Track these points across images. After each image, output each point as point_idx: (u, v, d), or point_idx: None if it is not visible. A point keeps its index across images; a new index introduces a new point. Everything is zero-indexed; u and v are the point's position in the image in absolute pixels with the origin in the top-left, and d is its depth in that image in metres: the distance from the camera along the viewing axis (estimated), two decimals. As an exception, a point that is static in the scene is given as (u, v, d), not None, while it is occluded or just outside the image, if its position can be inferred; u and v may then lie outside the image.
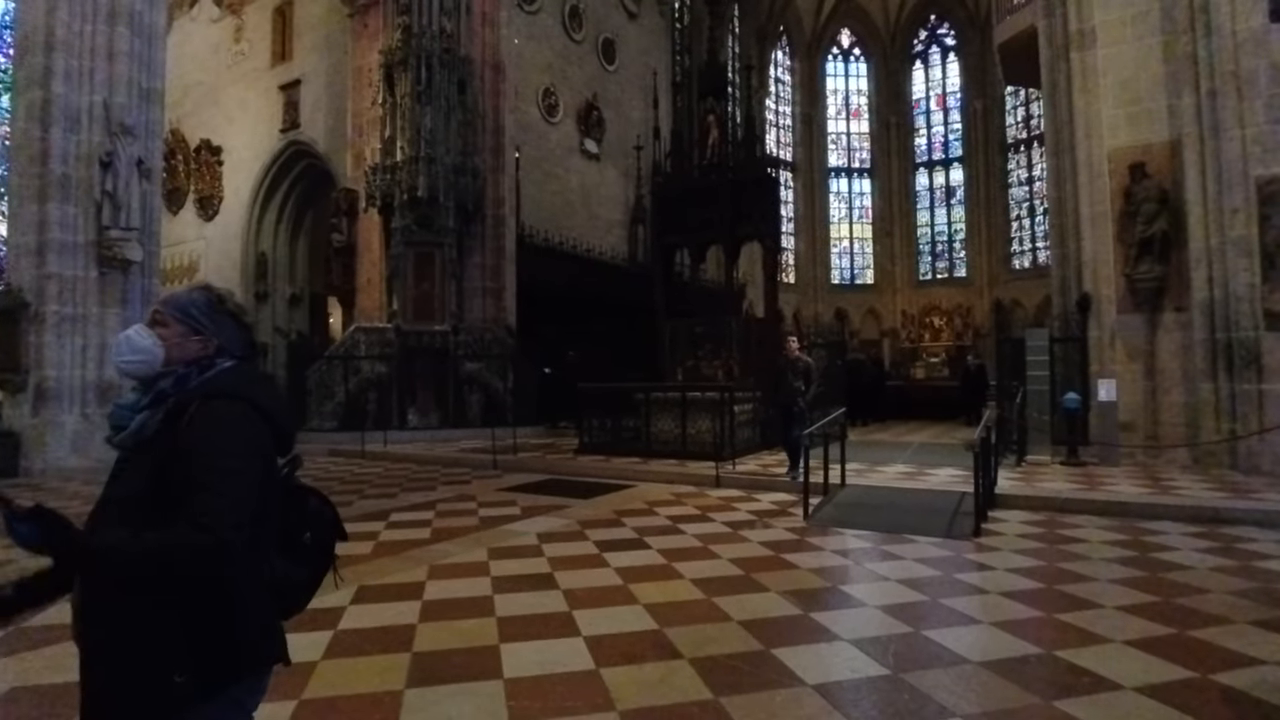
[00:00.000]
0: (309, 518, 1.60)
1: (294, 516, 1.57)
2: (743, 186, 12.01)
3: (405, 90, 14.46)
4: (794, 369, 8.45)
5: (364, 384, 13.97)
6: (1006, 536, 5.79)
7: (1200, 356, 8.77)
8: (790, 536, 5.86)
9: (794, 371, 8.42)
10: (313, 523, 1.60)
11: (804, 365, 8.56)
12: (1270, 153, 8.03)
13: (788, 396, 8.32)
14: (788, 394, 8.32)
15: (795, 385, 8.30)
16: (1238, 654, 3.36)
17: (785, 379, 8.45)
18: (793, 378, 8.38)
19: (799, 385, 8.30)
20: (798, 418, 8.07)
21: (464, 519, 6.73)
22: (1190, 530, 5.94)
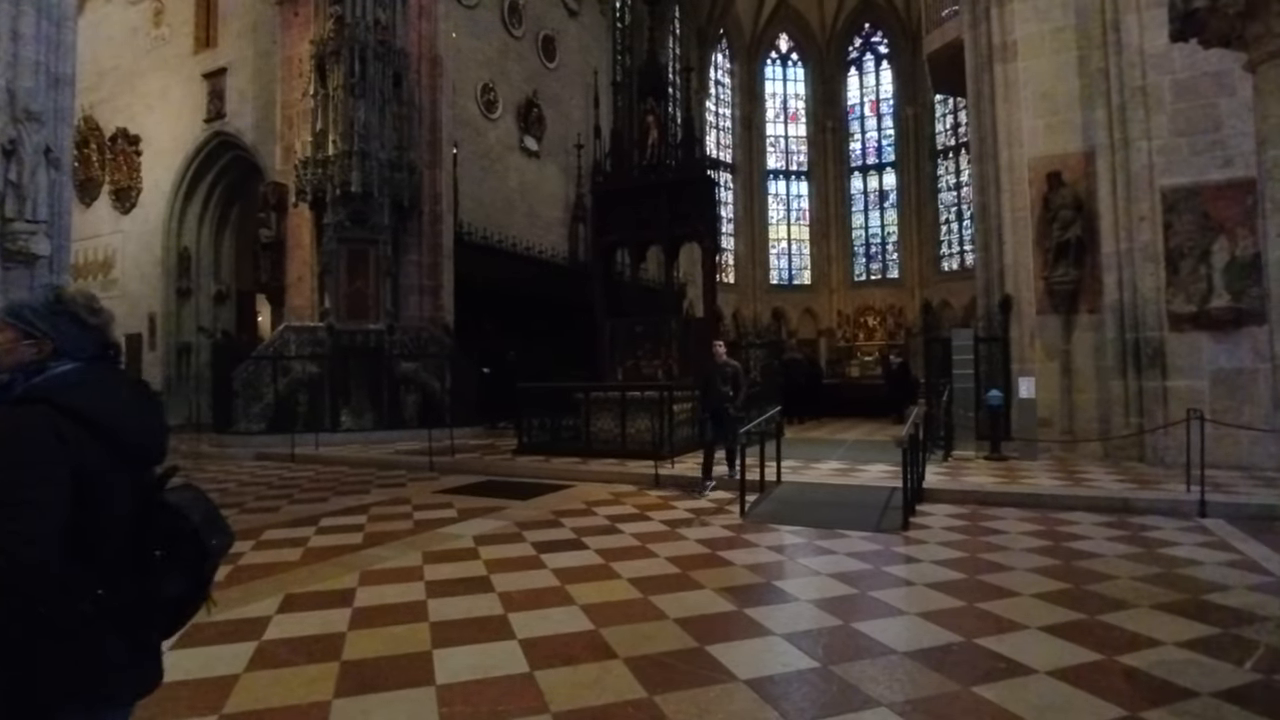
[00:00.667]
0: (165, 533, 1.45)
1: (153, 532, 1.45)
2: (682, 187, 12.08)
3: (338, 82, 14.03)
4: (722, 374, 8.23)
5: (294, 385, 13.51)
6: (933, 529, 6.01)
7: (1111, 355, 9.27)
8: (727, 534, 5.94)
9: (722, 376, 8.19)
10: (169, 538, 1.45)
11: (732, 370, 8.31)
12: (1174, 164, 8.55)
13: (716, 401, 8.09)
14: (716, 399, 8.10)
15: (723, 390, 8.08)
16: (1140, 636, 3.56)
17: (713, 384, 8.22)
18: (720, 383, 8.15)
19: (727, 390, 8.09)
20: (727, 423, 7.93)
21: (398, 523, 6.59)
22: (1101, 520, 6.27)
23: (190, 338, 19.22)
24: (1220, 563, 4.91)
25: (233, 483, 9.31)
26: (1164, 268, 8.55)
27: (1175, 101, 8.57)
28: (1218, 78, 8.36)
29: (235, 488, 8.88)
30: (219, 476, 9.90)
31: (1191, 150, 8.46)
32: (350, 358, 13.80)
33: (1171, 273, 8.50)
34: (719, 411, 8.03)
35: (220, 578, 4.75)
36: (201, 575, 1.51)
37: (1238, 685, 3.01)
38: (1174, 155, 8.56)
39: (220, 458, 12.10)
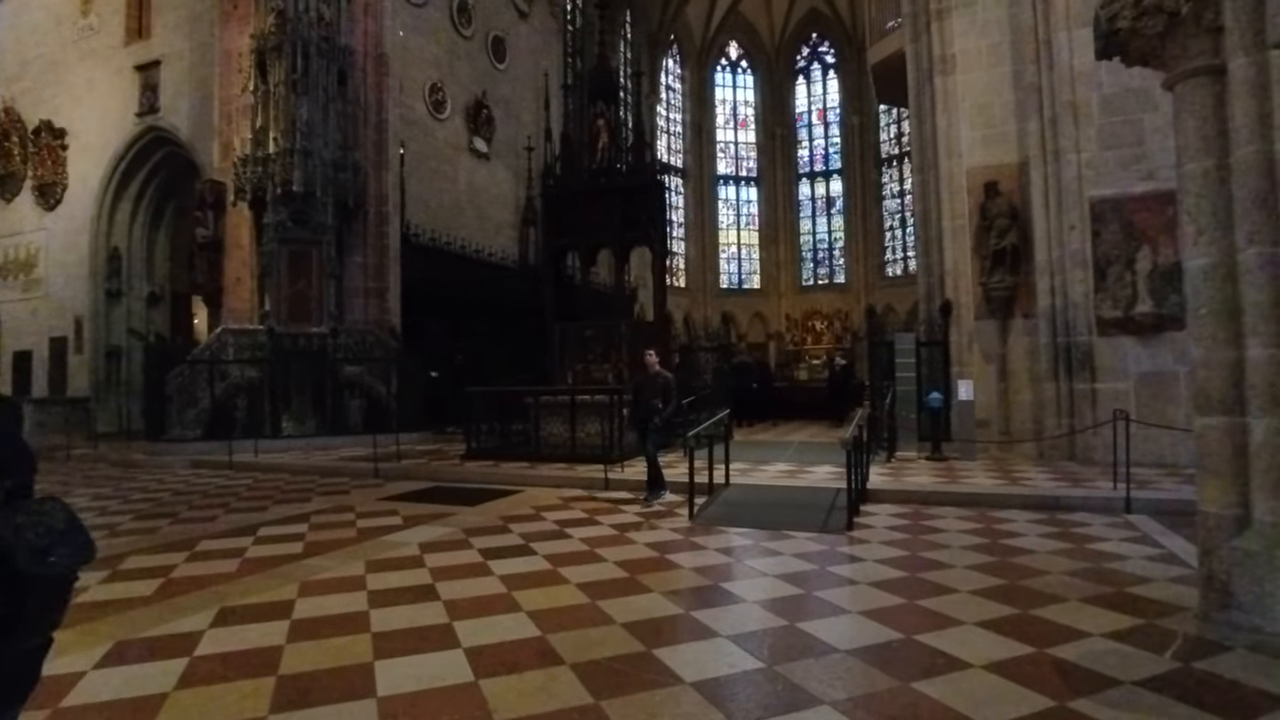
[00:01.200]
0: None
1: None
2: (632, 191, 12.13)
3: (279, 78, 13.65)
4: (652, 385, 7.86)
5: (232, 389, 13.06)
6: (876, 529, 6.14)
7: (1044, 359, 9.63)
8: (675, 537, 5.97)
9: (652, 388, 7.85)
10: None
11: (663, 381, 7.87)
12: (1101, 176, 8.94)
13: (645, 413, 7.79)
14: (645, 411, 7.78)
15: (653, 403, 7.71)
16: (1070, 629, 3.70)
17: (643, 396, 7.92)
18: (650, 394, 7.81)
19: (656, 403, 7.69)
20: (653, 435, 7.68)
21: (341, 531, 6.42)
22: (1035, 517, 6.50)
23: (120, 341, 18.41)
24: (1144, 557, 5.14)
25: (166, 492, 8.95)
26: (1092, 275, 8.93)
27: (1102, 116, 8.98)
28: (1141, 94, 8.78)
29: (169, 497, 8.54)
30: (150, 486, 9.51)
31: (1117, 163, 8.88)
32: (292, 361, 13.42)
33: (1099, 280, 8.89)
34: (644, 423, 7.78)
35: (150, 592, 4.58)
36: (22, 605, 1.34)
37: (1159, 674, 3.15)
38: (1101, 168, 8.96)
39: (152, 466, 11.61)
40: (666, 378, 7.95)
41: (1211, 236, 3.82)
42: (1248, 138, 3.62)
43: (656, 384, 7.86)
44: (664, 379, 7.92)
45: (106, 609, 4.27)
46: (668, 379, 7.95)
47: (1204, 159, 3.85)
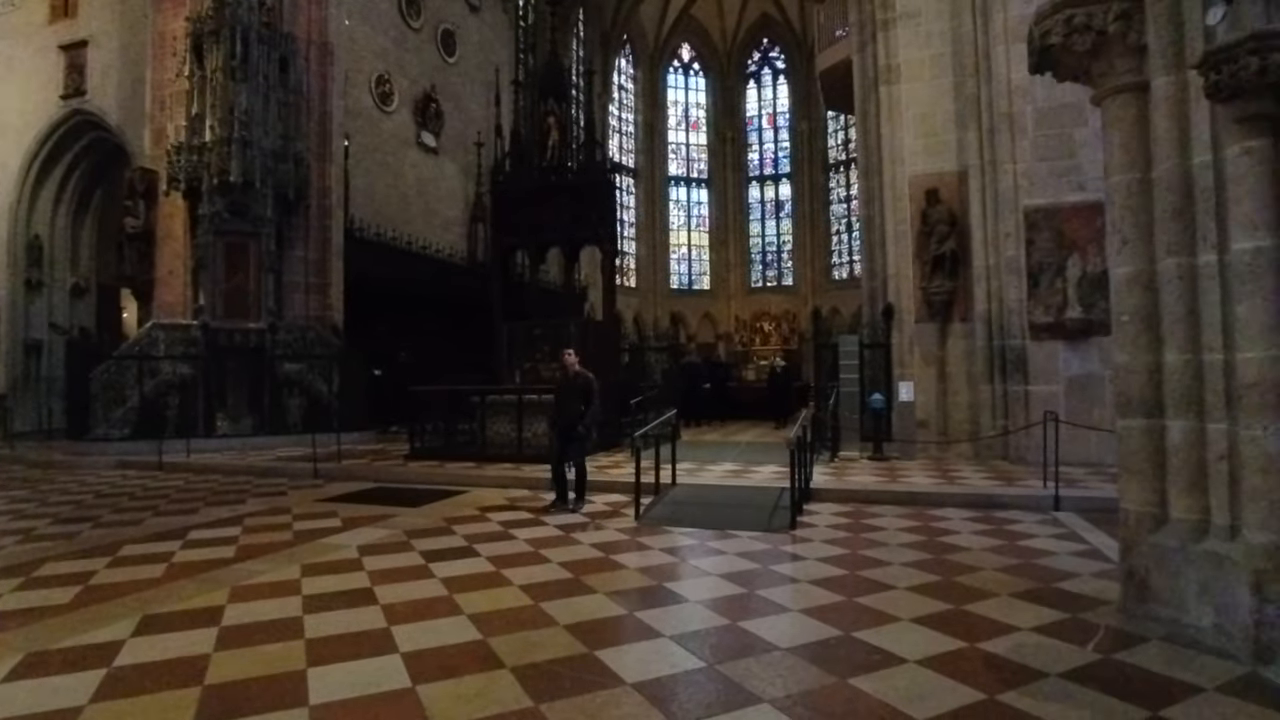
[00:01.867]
0: None
1: None
2: (581, 190, 12.09)
3: (217, 64, 13.15)
4: (572, 388, 7.35)
5: (163, 387, 12.53)
6: (818, 528, 6.24)
7: (981, 361, 9.95)
8: (621, 537, 5.96)
9: (572, 391, 7.33)
10: None
11: (583, 382, 7.31)
12: (1035, 186, 9.28)
13: (568, 419, 7.23)
14: (569, 416, 7.24)
15: (574, 406, 7.24)
16: (1001, 624, 3.83)
17: (564, 399, 7.38)
18: (571, 397, 7.31)
19: (579, 407, 7.23)
20: (577, 443, 7.22)
21: (276, 534, 6.22)
22: (970, 515, 6.71)
23: (41, 335, 17.46)
24: (1070, 553, 5.35)
25: (88, 494, 8.53)
26: (1026, 281, 9.26)
27: (1037, 129, 9.32)
28: (1074, 109, 9.14)
29: (91, 500, 8.14)
30: (71, 488, 9.05)
31: (1051, 174, 9.23)
32: (228, 358, 12.94)
33: (1032, 286, 9.22)
34: (567, 429, 7.20)
35: (67, 599, 4.36)
36: None
37: (1082, 665, 3.28)
38: (1035, 178, 9.30)
39: (75, 467, 11.05)
40: (588, 379, 7.34)
41: (1134, 247, 3.99)
42: (1167, 153, 3.80)
43: (577, 386, 7.33)
44: (584, 379, 7.34)
45: (17, 619, 4.05)
46: (589, 380, 7.34)
47: (1128, 172, 4.02)
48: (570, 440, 7.20)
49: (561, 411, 7.38)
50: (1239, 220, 3.45)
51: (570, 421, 7.21)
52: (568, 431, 7.21)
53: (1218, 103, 3.45)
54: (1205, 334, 3.63)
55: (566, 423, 7.24)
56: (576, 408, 7.24)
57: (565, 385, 7.49)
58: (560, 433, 7.26)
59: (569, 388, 7.41)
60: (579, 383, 7.34)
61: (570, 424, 7.20)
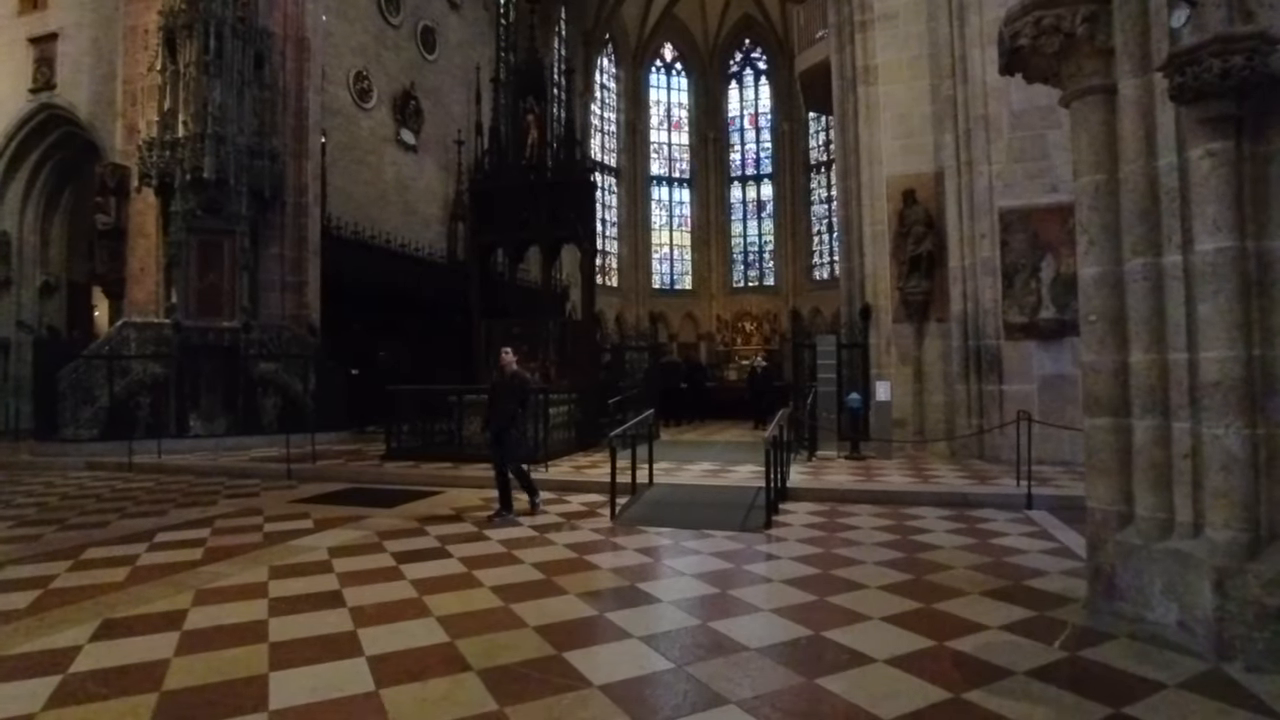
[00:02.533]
0: None
1: None
2: (561, 189, 12.03)
3: (190, 59, 12.94)
4: (508, 389, 6.95)
5: (134, 386, 12.31)
6: (793, 527, 6.25)
7: (956, 361, 10.03)
8: (596, 537, 5.93)
9: (508, 392, 6.94)
10: None
11: (519, 383, 7.01)
12: (1010, 187, 9.37)
13: (501, 420, 6.84)
14: (502, 419, 6.84)
15: (509, 407, 6.87)
16: (970, 622, 3.84)
17: (498, 400, 6.97)
18: (505, 399, 6.91)
19: (513, 407, 6.90)
20: (510, 447, 6.86)
21: (246, 536, 6.12)
22: (944, 514, 6.75)
23: (9, 333, 17.10)
24: (1041, 550, 5.40)
25: (54, 496, 8.36)
26: (1000, 282, 9.34)
27: (1012, 131, 9.41)
28: (1047, 111, 9.21)
29: (56, 501, 7.97)
30: (37, 489, 8.87)
31: (1025, 175, 9.32)
32: (201, 358, 12.75)
33: (1007, 286, 9.31)
34: (501, 432, 6.83)
35: (25, 604, 4.26)
36: None
37: (1048, 663, 3.30)
38: (1010, 179, 9.38)
39: (42, 468, 10.83)
40: (523, 380, 7.11)
41: (1102, 247, 4.03)
42: (1134, 154, 3.84)
43: (512, 387, 6.96)
44: (520, 380, 7.06)
45: (-28, 624, 3.95)
46: (524, 381, 7.09)
47: (1095, 173, 4.06)
48: (503, 444, 6.82)
49: (495, 413, 6.94)
50: (1203, 221, 3.49)
51: (504, 424, 6.84)
52: (501, 434, 6.83)
53: (1182, 105, 3.49)
54: (1170, 334, 3.67)
55: (500, 425, 6.85)
56: (511, 409, 6.90)
57: (500, 386, 7.06)
58: (494, 436, 6.87)
59: (504, 388, 6.99)
60: (514, 383, 7.00)
61: (504, 426, 6.83)
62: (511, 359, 7.22)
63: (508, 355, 7.21)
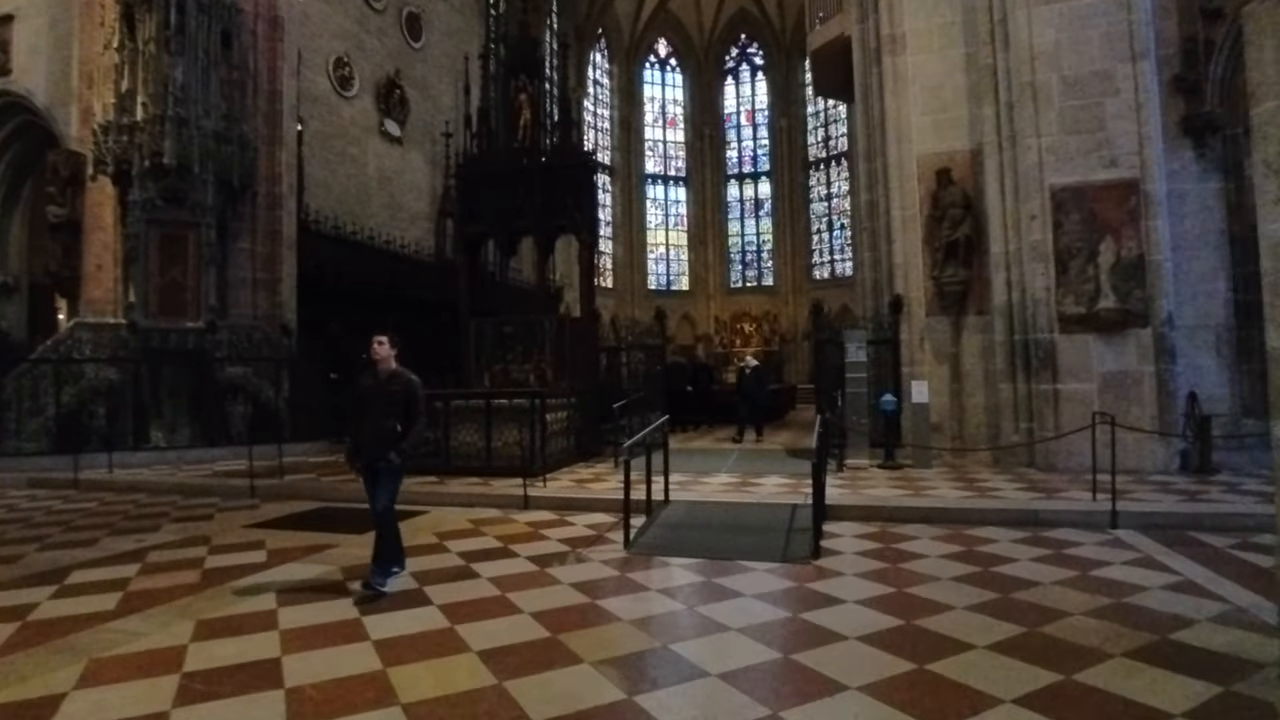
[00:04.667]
0: None
1: None
2: (557, 173, 10.97)
3: (150, 35, 11.83)
4: (384, 396, 4.66)
5: (87, 394, 11.16)
6: (845, 556, 5.20)
7: (1000, 358, 9.01)
8: (609, 572, 4.85)
9: (385, 400, 4.65)
10: None
11: (402, 387, 4.67)
12: (1063, 162, 8.36)
13: (372, 445, 4.60)
14: (376, 439, 4.59)
15: (386, 425, 4.60)
16: (1136, 705, 2.80)
17: (371, 413, 4.65)
18: (381, 411, 4.63)
19: (392, 424, 4.62)
20: (385, 481, 4.61)
21: (181, 574, 5.02)
22: (1016, 536, 5.71)
23: (-39, 337, 15.88)
24: (1162, 587, 4.35)
25: (-25, 520, 7.21)
26: (1054, 268, 8.33)
27: (1064, 99, 8.40)
28: (1104, 77, 8.25)
29: (-27, 527, 6.83)
30: (-42, 512, 7.71)
31: (1080, 149, 8.31)
32: (163, 361, 11.61)
33: (1061, 273, 8.30)
34: (372, 462, 4.62)
35: None
36: None
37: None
38: (1062, 153, 8.38)
39: (-22, 485, 9.66)
40: (409, 384, 4.70)
41: (1296, 194, 2.99)
42: (1356, 62, 2.81)
43: (391, 395, 4.66)
44: (403, 383, 4.69)
45: None
46: (411, 385, 4.70)
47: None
48: (378, 477, 4.62)
49: (365, 433, 4.68)
50: None
51: (380, 449, 4.57)
52: (371, 467, 4.63)
53: None
54: None
55: (374, 449, 4.59)
56: (390, 428, 4.61)
57: (373, 392, 4.69)
58: (365, 468, 4.69)
59: (380, 396, 4.67)
60: (395, 389, 4.67)
61: (379, 453, 4.57)
62: (388, 351, 4.73)
63: (382, 347, 4.71)
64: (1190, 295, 8.61)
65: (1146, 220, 8.08)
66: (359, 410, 4.79)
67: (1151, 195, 8.10)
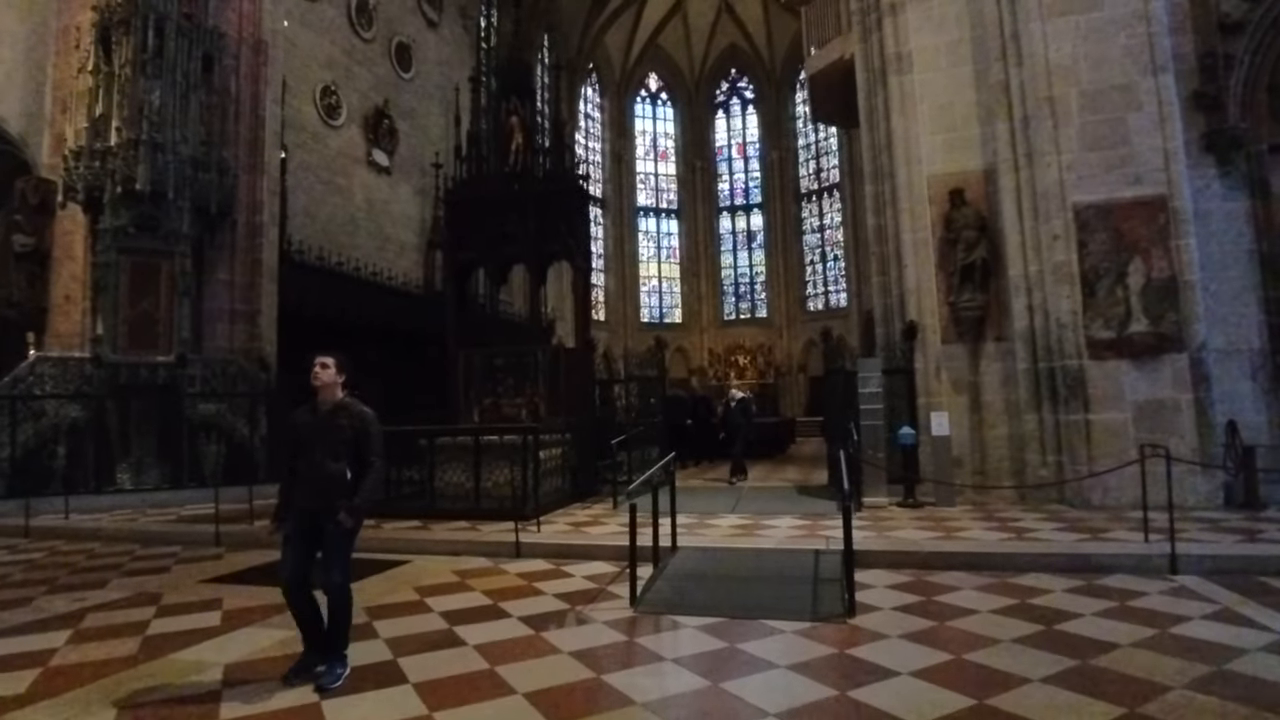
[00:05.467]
0: None
1: None
2: (550, 198, 10.49)
3: (127, 58, 11.38)
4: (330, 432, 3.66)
5: (48, 432, 10.44)
6: (884, 612, 4.56)
7: (1024, 387, 8.47)
8: (615, 637, 4.19)
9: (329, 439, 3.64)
10: None
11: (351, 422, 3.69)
12: (1085, 180, 7.93)
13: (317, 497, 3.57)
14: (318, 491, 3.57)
15: (332, 470, 3.58)
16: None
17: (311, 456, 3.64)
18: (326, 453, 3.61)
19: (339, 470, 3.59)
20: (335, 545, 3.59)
21: (117, 643, 4.32)
22: (1071, 585, 5.09)
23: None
24: (1263, 648, 3.74)
25: (-98, 576, 6.45)
26: (1080, 291, 7.83)
27: (1084, 114, 8.00)
28: (1125, 90, 7.87)
29: (-103, 585, 6.08)
30: (-113, 566, 6.95)
31: (1103, 165, 7.88)
32: (131, 398, 10.91)
33: (1088, 296, 7.80)
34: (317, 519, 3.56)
35: None
36: None
37: None
38: (1084, 171, 7.95)
39: (-79, 534, 8.88)
40: (361, 416, 3.72)
41: None
42: None
43: (338, 430, 3.66)
44: (354, 418, 3.70)
45: None
46: (363, 419, 3.72)
47: None
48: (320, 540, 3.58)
49: (305, 481, 3.62)
50: None
51: (323, 501, 3.54)
52: (317, 524, 3.56)
53: None
54: None
55: (316, 504, 3.55)
56: (337, 474, 3.57)
57: (314, 429, 3.69)
58: (301, 529, 3.59)
59: (323, 433, 3.65)
60: (342, 424, 3.66)
61: (324, 506, 3.53)
62: (333, 377, 3.74)
63: (326, 371, 3.74)
64: (1220, 318, 8.11)
65: (1176, 239, 7.63)
66: (295, 453, 3.70)
67: (1180, 212, 7.66)
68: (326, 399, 3.76)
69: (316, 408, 3.77)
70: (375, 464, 3.71)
